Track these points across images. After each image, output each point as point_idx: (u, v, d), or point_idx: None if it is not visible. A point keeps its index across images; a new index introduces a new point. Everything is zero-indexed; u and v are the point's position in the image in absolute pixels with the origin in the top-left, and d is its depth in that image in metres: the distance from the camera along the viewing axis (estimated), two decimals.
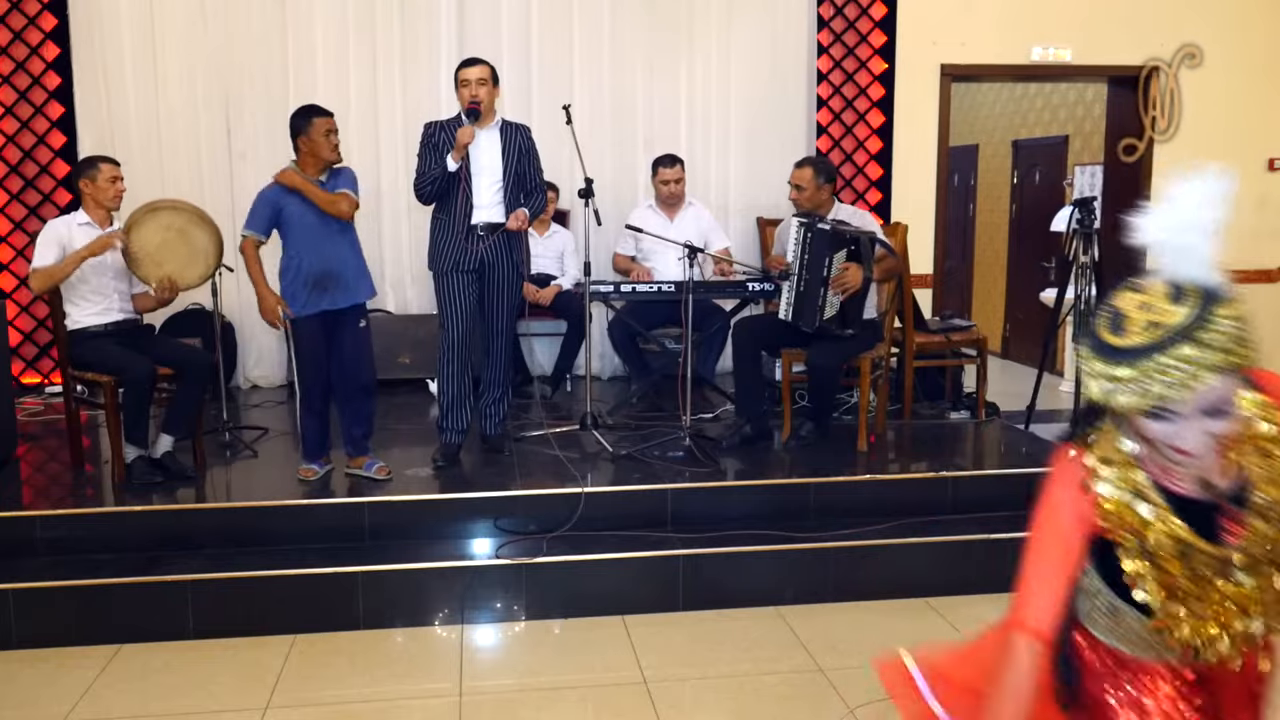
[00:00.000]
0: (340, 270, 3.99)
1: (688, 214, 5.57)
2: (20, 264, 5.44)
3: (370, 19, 5.77)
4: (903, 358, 5.20)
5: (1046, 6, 6.16)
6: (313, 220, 3.95)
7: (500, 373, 4.45)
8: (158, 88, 5.66)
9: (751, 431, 4.61)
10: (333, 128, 3.99)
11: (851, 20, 5.96)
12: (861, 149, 6.06)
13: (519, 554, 3.71)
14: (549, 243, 5.75)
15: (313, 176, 3.98)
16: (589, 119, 5.82)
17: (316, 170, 4.00)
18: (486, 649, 3.53)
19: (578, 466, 4.24)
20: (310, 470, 4.09)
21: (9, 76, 5.45)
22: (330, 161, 4.00)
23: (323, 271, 3.95)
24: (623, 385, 5.91)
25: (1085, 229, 4.73)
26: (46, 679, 3.24)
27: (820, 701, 3.10)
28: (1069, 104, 7.98)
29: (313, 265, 3.95)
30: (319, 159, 3.97)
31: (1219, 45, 6.27)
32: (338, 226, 3.99)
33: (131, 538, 3.75)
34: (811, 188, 4.62)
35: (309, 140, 3.96)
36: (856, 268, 4.38)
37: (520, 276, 4.39)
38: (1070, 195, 7.73)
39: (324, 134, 3.95)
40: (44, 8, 5.45)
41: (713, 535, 3.84)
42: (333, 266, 3.97)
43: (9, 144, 5.50)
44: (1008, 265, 8.84)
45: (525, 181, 4.33)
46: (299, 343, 4.03)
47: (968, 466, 4.49)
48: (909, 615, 3.70)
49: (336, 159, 4.01)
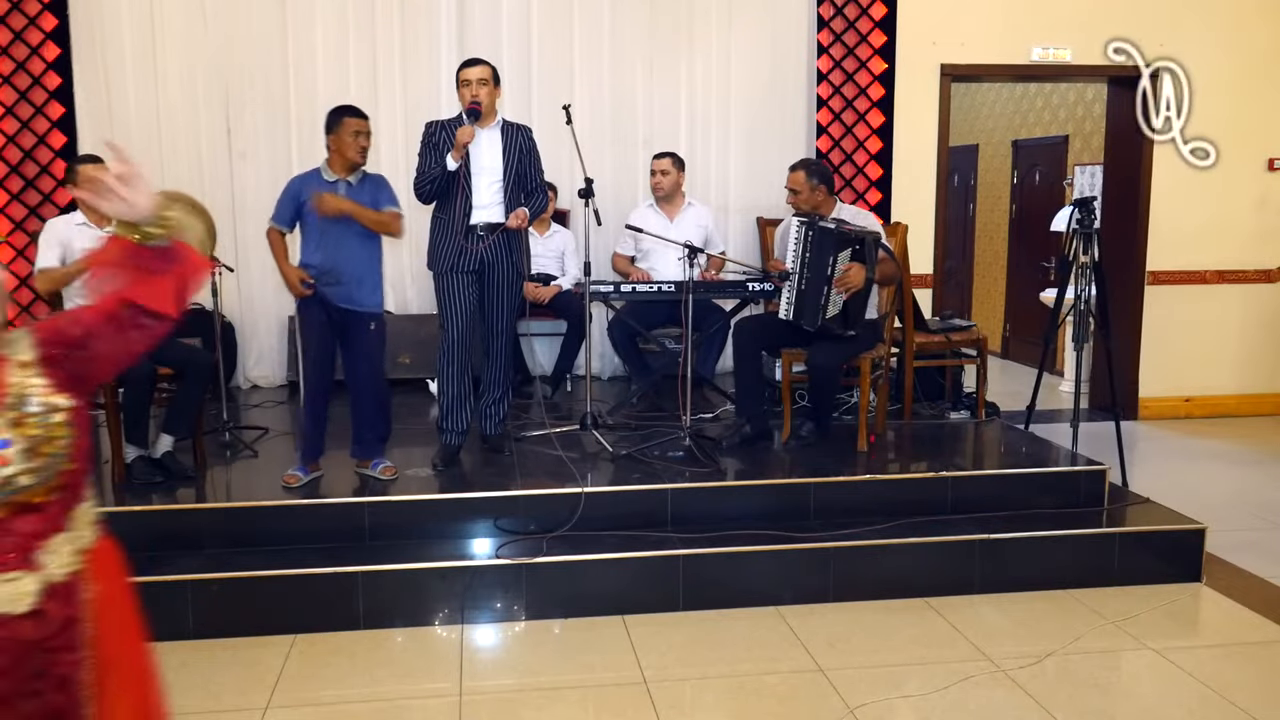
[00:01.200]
0: (344, 270, 3.98)
1: (688, 214, 5.57)
2: (21, 264, 5.44)
3: (370, 18, 5.77)
4: (903, 358, 5.20)
5: (1046, 6, 6.16)
6: (334, 220, 3.96)
7: (500, 373, 4.45)
8: (158, 88, 5.66)
9: (751, 431, 4.61)
10: (363, 129, 4.00)
11: (851, 20, 5.96)
12: (861, 149, 6.05)
13: (519, 554, 3.71)
14: (549, 243, 5.75)
15: (340, 176, 4.02)
16: (589, 119, 5.82)
17: (343, 170, 4.03)
18: (486, 649, 3.53)
19: (578, 466, 4.24)
20: (294, 477, 4.04)
21: (9, 76, 5.45)
22: (354, 164, 4.02)
23: (328, 268, 3.97)
24: (623, 385, 5.91)
25: (1085, 229, 4.73)
26: None
27: (820, 701, 3.10)
28: (1069, 104, 7.98)
29: (321, 261, 3.98)
30: (344, 159, 4.00)
31: (1219, 45, 6.27)
32: (357, 230, 3.99)
33: (131, 538, 3.69)
34: (806, 190, 4.62)
35: (337, 139, 3.99)
36: (860, 267, 4.37)
37: (520, 276, 4.39)
38: (1070, 195, 7.73)
39: (352, 134, 3.97)
40: (44, 8, 5.45)
41: (713, 535, 3.84)
42: (337, 265, 3.97)
43: (9, 144, 5.49)
44: (1008, 265, 8.85)
45: (526, 182, 4.33)
46: (301, 329, 4.05)
47: (967, 466, 4.49)
48: (909, 615, 3.70)
49: (360, 161, 4.03)
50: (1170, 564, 4.00)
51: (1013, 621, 3.67)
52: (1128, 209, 6.45)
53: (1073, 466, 4.43)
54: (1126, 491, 4.51)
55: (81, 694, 1.66)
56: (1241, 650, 3.48)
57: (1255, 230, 6.46)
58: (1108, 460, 4.53)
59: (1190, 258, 6.43)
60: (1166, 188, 6.37)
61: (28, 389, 1.59)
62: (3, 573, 1.57)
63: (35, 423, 1.57)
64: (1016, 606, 3.78)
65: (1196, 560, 4.01)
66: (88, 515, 1.70)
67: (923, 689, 3.16)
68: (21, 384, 1.59)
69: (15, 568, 1.58)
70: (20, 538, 1.58)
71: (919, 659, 3.38)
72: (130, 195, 1.56)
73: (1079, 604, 3.79)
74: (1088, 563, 3.95)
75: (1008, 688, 3.18)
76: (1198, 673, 3.27)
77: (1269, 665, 3.37)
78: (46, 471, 1.58)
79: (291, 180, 4.13)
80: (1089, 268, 4.74)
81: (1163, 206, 6.38)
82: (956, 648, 3.45)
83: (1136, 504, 4.34)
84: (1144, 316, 6.45)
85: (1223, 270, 6.46)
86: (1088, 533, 4.02)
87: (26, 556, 1.59)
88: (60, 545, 1.63)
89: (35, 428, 1.57)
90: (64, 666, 1.64)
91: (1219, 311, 6.49)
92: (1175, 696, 3.16)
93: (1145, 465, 5.40)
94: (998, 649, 3.42)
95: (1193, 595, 3.91)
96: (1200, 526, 4.05)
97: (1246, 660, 3.40)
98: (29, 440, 1.56)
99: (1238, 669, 3.32)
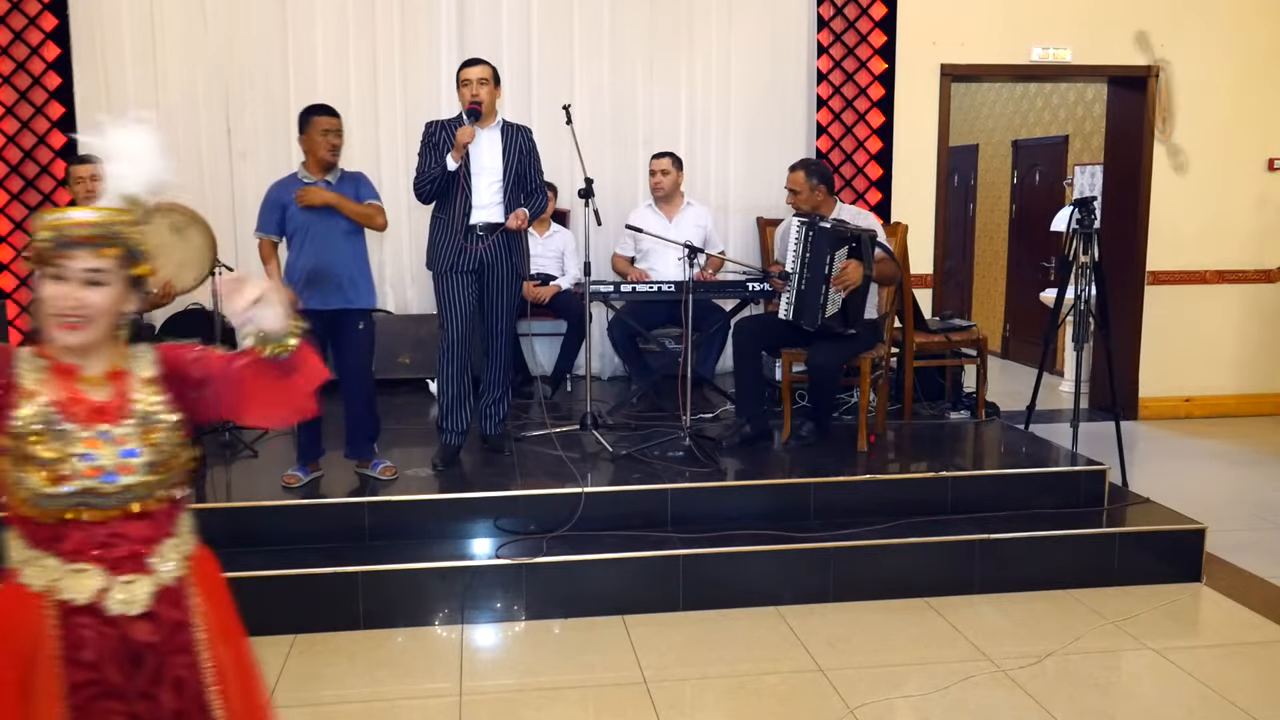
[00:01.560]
0: (332, 268, 3.96)
1: (687, 214, 5.57)
2: (21, 264, 5.44)
3: (370, 18, 5.77)
4: (903, 358, 5.20)
5: (1046, 6, 6.15)
6: (314, 217, 3.95)
7: (500, 373, 4.45)
8: (158, 88, 5.65)
9: (751, 431, 4.61)
10: (332, 128, 3.96)
11: (851, 20, 5.96)
12: (861, 149, 6.05)
13: (519, 554, 3.71)
14: (549, 243, 5.75)
15: (318, 176, 3.98)
16: (589, 119, 5.82)
17: (319, 170, 3.99)
18: (486, 649, 3.53)
19: (578, 466, 4.24)
20: (294, 477, 4.05)
21: (9, 76, 5.45)
22: (326, 163, 3.98)
23: (315, 267, 3.94)
24: (623, 385, 5.91)
25: (1085, 229, 4.73)
26: None
27: (820, 701, 3.10)
28: (1069, 104, 7.98)
29: (306, 260, 3.96)
30: (316, 159, 3.97)
31: (1219, 45, 6.27)
32: (342, 228, 3.98)
33: None
34: (805, 190, 4.62)
35: (309, 139, 3.96)
36: (857, 264, 4.38)
37: (519, 276, 4.38)
38: (1070, 195, 7.73)
39: (321, 133, 3.94)
40: (44, 8, 5.44)
41: (713, 535, 3.84)
42: (325, 263, 3.94)
43: (9, 144, 5.49)
44: (1008, 265, 8.85)
45: (526, 182, 4.33)
46: None
47: (967, 466, 4.50)
48: (909, 615, 3.70)
49: (332, 160, 3.99)
50: (1170, 564, 4.00)
51: (1013, 621, 3.67)
52: (1128, 209, 6.45)
53: (1073, 466, 4.43)
54: (1126, 491, 4.51)
55: (201, 697, 1.72)
56: (1241, 650, 3.48)
57: (1255, 230, 6.46)
58: (1108, 460, 4.53)
59: (1190, 258, 6.43)
60: (1166, 188, 6.37)
61: (152, 404, 1.68)
62: (118, 575, 1.65)
63: (160, 436, 1.67)
64: (1016, 606, 3.78)
65: (1196, 560, 4.01)
66: (188, 521, 1.77)
67: (923, 689, 3.16)
68: (147, 399, 1.68)
69: (130, 571, 1.66)
70: (134, 542, 1.66)
71: (919, 659, 3.38)
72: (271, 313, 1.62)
73: (1079, 604, 3.79)
74: (1088, 563, 3.95)
75: (1008, 688, 3.18)
76: (1198, 673, 3.27)
77: (1269, 665, 3.37)
78: (165, 481, 1.68)
79: (270, 188, 4.08)
80: (1089, 268, 4.74)
81: (1163, 206, 6.38)
82: (956, 648, 3.45)
83: (1136, 504, 4.34)
84: (1144, 316, 6.45)
85: (1222, 270, 6.46)
86: (1088, 533, 4.02)
87: (140, 560, 1.67)
88: (169, 550, 1.70)
89: (160, 440, 1.67)
90: (178, 669, 1.70)
91: (1219, 311, 6.49)
92: (1175, 696, 3.16)
93: (1145, 465, 5.40)
94: (998, 649, 3.42)
95: (1193, 595, 3.91)
96: (1200, 526, 4.05)
97: (1246, 660, 3.40)
98: (155, 452, 1.65)
99: (1238, 669, 3.32)
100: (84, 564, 1.63)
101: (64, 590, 1.63)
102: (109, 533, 1.63)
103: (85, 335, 1.63)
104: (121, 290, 1.66)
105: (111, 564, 1.64)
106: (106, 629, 1.64)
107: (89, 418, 1.64)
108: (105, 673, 1.64)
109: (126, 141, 1.68)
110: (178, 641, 1.70)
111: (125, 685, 1.66)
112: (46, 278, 1.62)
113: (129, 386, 1.68)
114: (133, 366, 1.71)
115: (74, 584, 1.63)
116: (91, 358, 1.67)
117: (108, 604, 1.63)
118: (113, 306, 1.65)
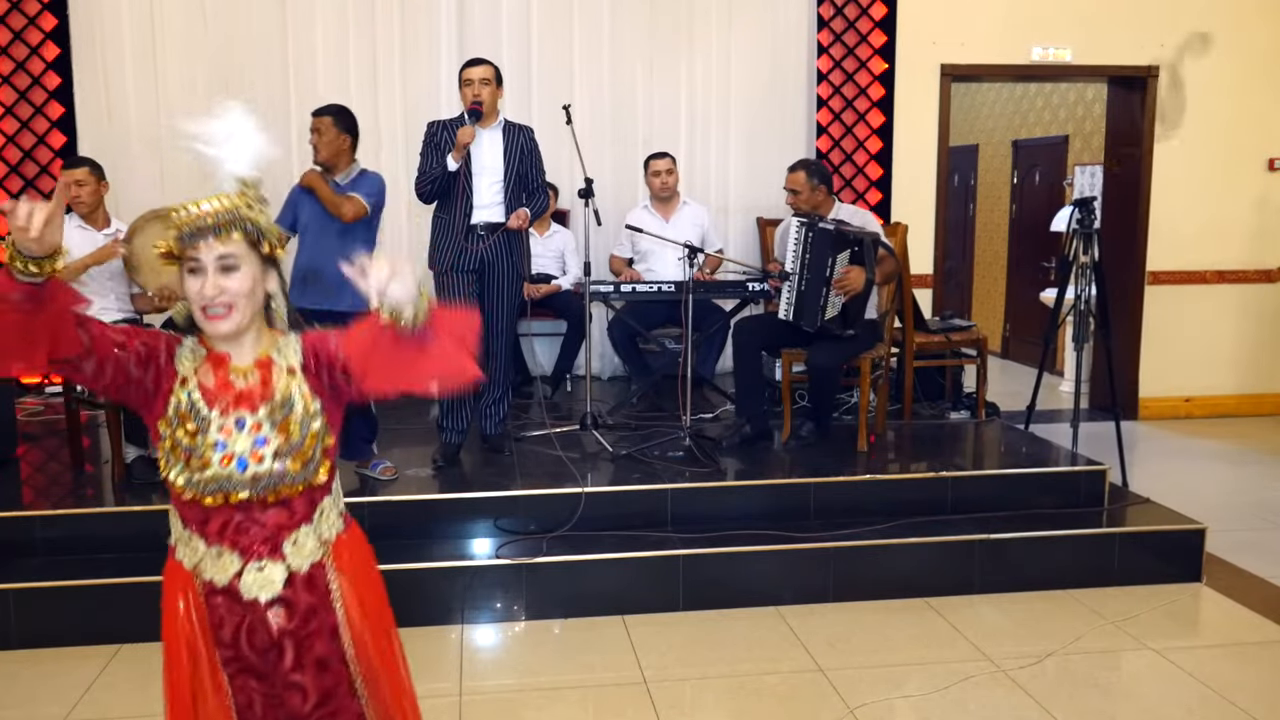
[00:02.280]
0: (324, 269, 3.95)
1: (684, 213, 5.57)
2: None
3: (370, 18, 5.77)
4: (903, 358, 5.20)
5: (1046, 6, 6.15)
6: (317, 217, 3.99)
7: (500, 372, 4.45)
8: (158, 88, 5.65)
9: (751, 431, 4.61)
10: (314, 126, 4.01)
11: (851, 20, 5.96)
12: (861, 149, 6.05)
13: (519, 554, 3.71)
14: (549, 243, 5.75)
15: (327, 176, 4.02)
16: (589, 119, 5.82)
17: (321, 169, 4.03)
18: (486, 649, 3.53)
19: (578, 466, 4.24)
20: None
21: (9, 76, 5.45)
22: (319, 162, 4.02)
23: (309, 267, 3.97)
24: (623, 385, 5.91)
25: (1085, 229, 4.73)
26: (46, 679, 3.24)
27: (820, 701, 3.10)
28: (1069, 104, 7.98)
29: (304, 260, 4.00)
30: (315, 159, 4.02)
31: (1218, 46, 6.27)
32: (338, 228, 3.98)
33: (131, 538, 3.74)
34: (806, 190, 4.62)
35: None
36: (859, 270, 4.37)
37: (520, 276, 4.38)
38: (1070, 195, 7.73)
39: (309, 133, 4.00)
40: (44, 8, 5.45)
41: (713, 535, 3.84)
42: (318, 264, 3.95)
43: (9, 144, 5.49)
44: (1008, 265, 8.85)
45: (527, 182, 4.33)
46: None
47: (967, 466, 4.49)
48: (909, 615, 3.70)
49: (320, 159, 4.03)
50: (1170, 564, 4.00)
51: (1013, 621, 3.67)
52: (1128, 209, 6.45)
53: (1073, 466, 4.43)
54: (1126, 491, 4.51)
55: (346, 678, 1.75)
56: (1241, 650, 3.48)
57: (1255, 230, 6.46)
58: (1108, 460, 4.53)
59: (1190, 258, 6.43)
60: (1166, 188, 6.37)
61: (292, 393, 1.68)
62: (253, 560, 1.68)
63: (297, 426, 1.68)
64: (1016, 606, 3.78)
65: (1196, 560, 4.01)
66: (335, 507, 1.78)
67: (923, 689, 3.16)
68: (288, 387, 1.69)
69: (264, 556, 1.69)
70: (269, 529, 1.69)
71: (919, 659, 3.38)
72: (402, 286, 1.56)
73: (1079, 604, 3.79)
74: (1088, 563, 3.95)
75: (1008, 688, 3.18)
76: (1198, 673, 3.27)
77: (1269, 665, 3.37)
78: (302, 470, 1.69)
79: (294, 187, 4.15)
80: (1089, 268, 4.74)
81: (1163, 206, 6.38)
82: (956, 648, 3.45)
83: (1136, 504, 4.34)
84: (1144, 316, 6.45)
85: (1223, 270, 6.46)
86: (1088, 533, 4.02)
87: (274, 546, 1.69)
88: (306, 537, 1.72)
89: (296, 430, 1.68)
90: (319, 650, 1.73)
91: (1219, 312, 6.49)
92: (1175, 696, 3.15)
93: (1145, 465, 5.40)
94: (998, 649, 3.42)
95: (1193, 595, 3.91)
96: (1200, 526, 4.05)
97: (1246, 660, 3.40)
98: (289, 441, 1.67)
99: (1238, 669, 3.32)
100: (222, 547, 1.68)
101: (205, 571, 1.69)
102: (244, 518, 1.67)
103: (233, 321, 1.65)
104: (257, 271, 1.67)
105: (244, 549, 1.68)
106: (242, 610, 1.69)
107: (230, 405, 1.66)
108: (241, 650, 1.70)
109: (226, 125, 1.73)
110: (315, 625, 1.72)
111: (262, 666, 1.70)
112: (185, 274, 1.64)
113: (273, 375, 1.70)
114: (280, 355, 1.72)
115: (214, 566, 1.68)
116: (243, 346, 1.69)
117: (240, 587, 1.68)
118: (252, 288, 1.66)
